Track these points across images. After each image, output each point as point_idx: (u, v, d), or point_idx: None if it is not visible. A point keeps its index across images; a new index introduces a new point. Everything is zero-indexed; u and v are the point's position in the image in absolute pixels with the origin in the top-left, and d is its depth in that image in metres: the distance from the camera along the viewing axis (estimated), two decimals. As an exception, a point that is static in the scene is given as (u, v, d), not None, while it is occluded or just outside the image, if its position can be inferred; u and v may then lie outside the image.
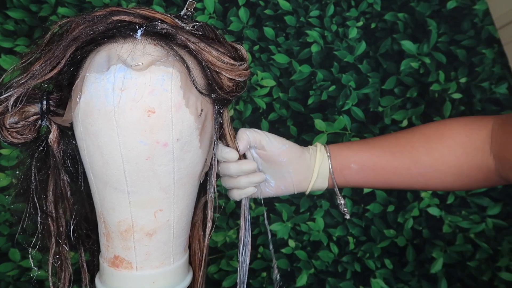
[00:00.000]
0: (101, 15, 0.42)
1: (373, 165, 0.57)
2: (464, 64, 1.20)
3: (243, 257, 0.57)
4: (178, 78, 0.42)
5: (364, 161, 0.58)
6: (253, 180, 0.55)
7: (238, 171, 0.54)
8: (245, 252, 0.57)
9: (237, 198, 0.56)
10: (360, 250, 1.17)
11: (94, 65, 0.42)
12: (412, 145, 0.57)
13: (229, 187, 0.56)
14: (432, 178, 0.56)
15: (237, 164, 0.53)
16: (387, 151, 0.58)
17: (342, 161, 0.58)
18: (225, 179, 0.56)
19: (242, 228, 0.57)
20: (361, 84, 1.20)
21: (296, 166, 0.57)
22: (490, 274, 1.16)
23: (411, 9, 1.21)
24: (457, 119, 0.58)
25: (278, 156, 0.56)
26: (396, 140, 0.59)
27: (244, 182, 0.54)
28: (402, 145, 0.57)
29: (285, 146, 0.56)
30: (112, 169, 0.43)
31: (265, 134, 0.55)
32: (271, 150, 0.55)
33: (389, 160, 0.57)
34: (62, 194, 0.49)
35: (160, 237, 0.47)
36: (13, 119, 0.44)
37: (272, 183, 0.58)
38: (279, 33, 1.20)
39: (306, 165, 0.57)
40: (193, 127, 0.44)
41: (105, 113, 0.41)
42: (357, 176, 0.58)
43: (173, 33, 0.42)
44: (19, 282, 1.09)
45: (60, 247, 0.50)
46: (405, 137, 0.58)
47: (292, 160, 0.56)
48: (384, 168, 0.57)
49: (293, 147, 0.57)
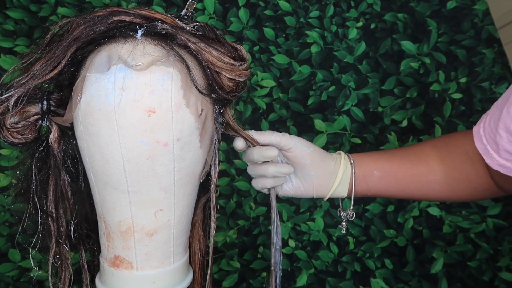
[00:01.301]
0: (101, 15, 0.42)
1: (394, 172, 0.59)
2: (464, 64, 1.20)
3: (277, 239, 0.58)
4: (179, 78, 0.42)
5: (386, 169, 0.59)
6: (281, 170, 0.56)
7: (260, 156, 0.55)
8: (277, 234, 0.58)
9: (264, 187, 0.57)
10: (360, 250, 1.17)
11: (94, 65, 0.42)
12: (427, 154, 0.60)
13: (256, 175, 0.57)
14: (445, 185, 0.59)
15: (259, 150, 0.55)
16: (406, 159, 0.60)
17: (365, 168, 0.59)
18: (251, 167, 0.58)
19: (274, 210, 0.58)
20: (361, 84, 1.20)
21: (318, 169, 0.58)
22: (490, 274, 1.16)
23: (411, 9, 1.21)
24: (464, 131, 0.62)
25: (302, 158, 0.56)
26: (411, 150, 0.62)
27: (272, 170, 0.56)
28: (417, 155, 0.60)
29: (310, 149, 0.57)
30: (113, 169, 0.43)
31: (291, 137, 0.56)
32: (295, 151, 0.56)
33: (408, 168, 0.59)
34: (62, 194, 0.49)
35: (161, 237, 0.47)
36: (14, 119, 0.44)
37: (294, 182, 0.59)
38: (279, 33, 1.20)
39: (328, 170, 0.58)
40: (194, 127, 0.44)
41: (106, 113, 0.41)
42: (379, 184, 0.60)
43: (173, 33, 0.42)
44: (18, 282, 1.09)
45: (61, 247, 0.50)
46: (418, 148, 0.62)
47: (315, 163, 0.57)
48: (404, 175, 0.59)
49: (317, 151, 0.58)
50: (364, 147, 1.19)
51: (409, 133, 1.19)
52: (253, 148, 0.55)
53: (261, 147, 0.55)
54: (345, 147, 1.18)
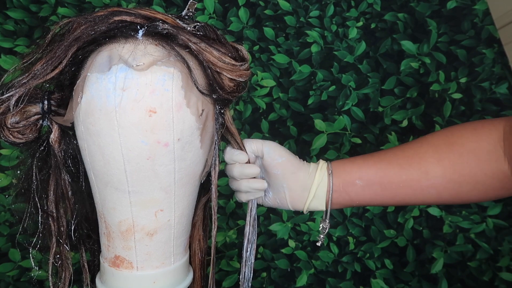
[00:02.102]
0: (102, 15, 0.42)
1: (379, 179, 0.54)
2: (464, 64, 1.20)
3: (248, 254, 0.57)
4: (179, 78, 0.42)
5: (370, 176, 0.54)
6: (253, 186, 0.55)
7: (241, 174, 0.54)
8: (250, 250, 0.57)
9: (241, 200, 0.57)
10: (360, 250, 1.17)
11: (95, 65, 0.42)
12: (421, 156, 0.54)
13: (233, 189, 0.57)
14: (445, 189, 0.53)
15: (240, 167, 0.54)
16: (395, 163, 0.54)
17: (346, 177, 0.55)
18: (230, 181, 0.57)
19: (248, 224, 0.57)
20: (361, 84, 1.20)
21: (289, 182, 0.55)
22: (490, 274, 1.16)
23: (411, 9, 1.21)
24: (465, 125, 0.55)
25: (273, 167, 0.54)
26: (403, 152, 0.55)
27: (244, 186, 0.55)
28: (409, 157, 0.54)
29: (282, 159, 0.54)
30: (113, 169, 0.43)
31: (265, 143, 0.54)
32: (267, 160, 0.54)
33: (396, 173, 0.54)
34: (63, 194, 0.49)
35: (161, 237, 0.47)
36: (15, 119, 0.44)
37: (270, 194, 0.57)
38: (279, 33, 1.20)
39: (300, 183, 0.55)
40: (194, 127, 0.44)
41: (106, 113, 0.41)
42: (363, 193, 0.55)
43: (174, 34, 0.42)
44: (19, 282, 1.09)
45: (61, 247, 0.50)
46: (413, 148, 0.55)
47: (286, 175, 0.54)
48: (392, 182, 0.54)
49: (289, 162, 0.55)
50: (364, 147, 1.19)
51: (409, 133, 1.19)
52: (233, 166, 0.54)
53: (242, 165, 0.54)
54: (345, 147, 1.18)
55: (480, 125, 0.54)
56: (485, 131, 0.53)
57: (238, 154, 0.53)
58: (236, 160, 0.54)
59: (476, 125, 0.54)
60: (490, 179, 0.52)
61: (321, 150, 1.17)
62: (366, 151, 1.19)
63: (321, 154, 1.17)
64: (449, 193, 0.54)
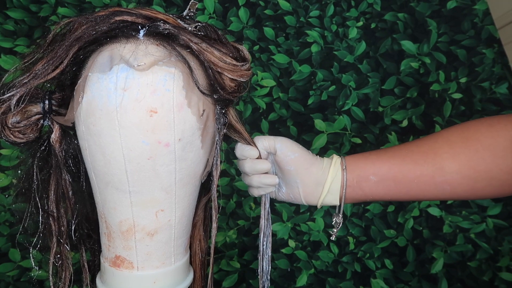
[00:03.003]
0: (103, 15, 0.42)
1: (393, 175, 0.54)
2: (464, 64, 1.20)
3: (264, 248, 0.57)
4: (180, 78, 0.42)
5: (384, 172, 0.54)
6: (264, 181, 0.55)
7: (252, 169, 0.54)
8: (266, 243, 0.57)
9: (253, 195, 0.57)
10: (360, 250, 1.18)
11: (96, 65, 0.42)
12: (436, 151, 0.54)
13: (246, 184, 0.57)
14: (460, 185, 0.53)
15: (251, 163, 0.54)
16: (409, 159, 0.54)
17: (359, 173, 0.55)
18: (243, 176, 0.57)
19: (263, 218, 0.57)
20: (361, 84, 1.20)
21: (303, 178, 0.55)
22: (490, 274, 1.16)
23: (411, 9, 1.21)
24: (481, 120, 0.55)
25: (286, 164, 0.54)
26: (417, 147, 0.55)
27: (255, 181, 0.55)
28: (424, 153, 0.54)
29: (295, 154, 0.54)
30: (114, 169, 0.43)
31: (277, 140, 0.54)
32: (280, 156, 0.54)
33: (411, 169, 0.54)
34: (63, 194, 0.49)
35: (161, 237, 0.47)
36: (15, 119, 0.44)
37: (283, 189, 0.57)
38: (279, 33, 1.20)
39: (314, 179, 0.55)
40: (195, 127, 0.44)
41: (107, 113, 0.41)
42: (377, 189, 0.55)
43: (175, 34, 0.42)
44: (19, 282, 1.09)
45: (61, 246, 0.50)
46: (427, 144, 0.55)
47: (299, 171, 0.54)
48: (406, 178, 0.54)
49: (302, 157, 0.55)
50: (364, 147, 1.19)
51: (409, 133, 1.19)
52: (244, 161, 0.55)
53: (253, 160, 0.54)
54: (345, 147, 1.18)
55: (496, 120, 0.54)
56: (501, 127, 0.52)
57: (248, 149, 0.54)
58: (246, 156, 0.54)
59: (492, 120, 0.54)
60: (506, 175, 0.52)
61: (321, 150, 1.17)
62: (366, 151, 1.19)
63: (321, 154, 1.17)
64: (463, 189, 0.53)
